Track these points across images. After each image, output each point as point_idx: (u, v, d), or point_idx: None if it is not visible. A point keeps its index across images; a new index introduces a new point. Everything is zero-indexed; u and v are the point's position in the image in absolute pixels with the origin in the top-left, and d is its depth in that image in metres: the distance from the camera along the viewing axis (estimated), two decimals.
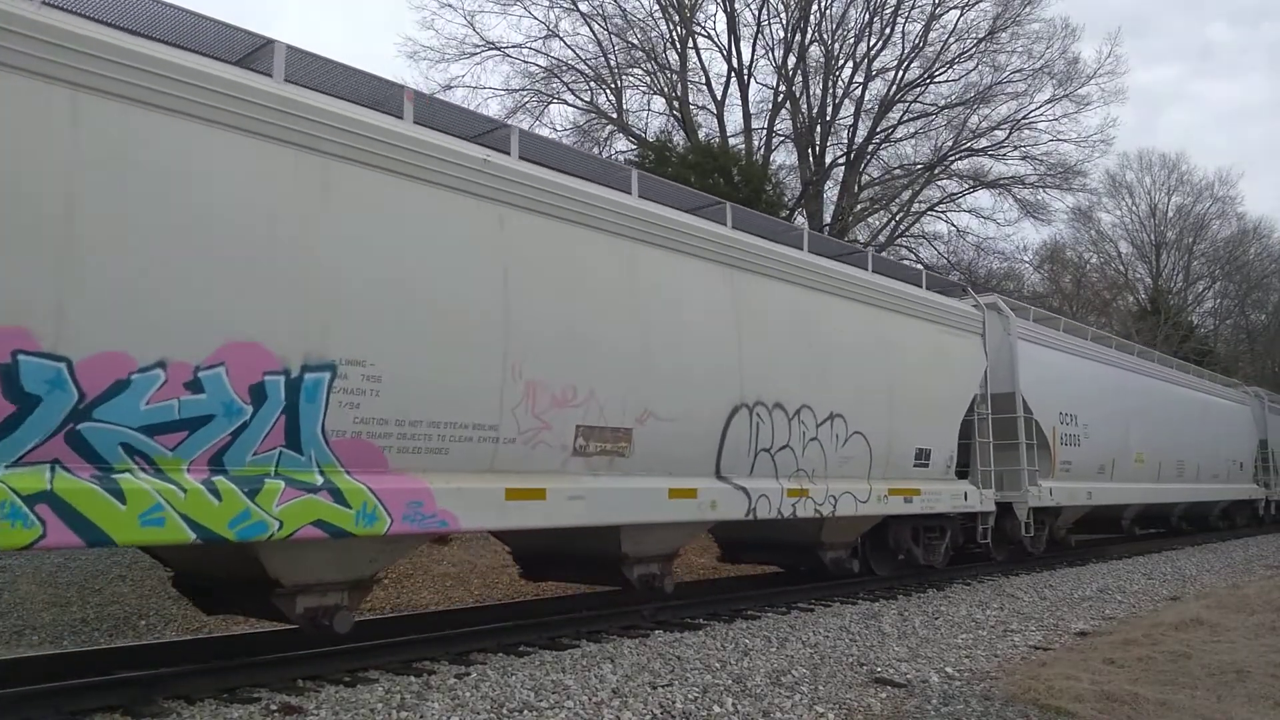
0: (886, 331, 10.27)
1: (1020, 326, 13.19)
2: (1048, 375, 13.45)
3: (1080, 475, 13.98)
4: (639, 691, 5.57)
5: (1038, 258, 38.34)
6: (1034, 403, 12.80)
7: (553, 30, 25.35)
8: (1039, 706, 5.44)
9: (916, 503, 10.42)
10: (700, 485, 7.84)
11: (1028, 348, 13.19)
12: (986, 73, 27.31)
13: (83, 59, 4.58)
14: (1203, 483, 19.82)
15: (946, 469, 11.07)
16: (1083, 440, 14.12)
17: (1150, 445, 16.88)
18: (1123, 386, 16.30)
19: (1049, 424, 13.19)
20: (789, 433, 8.75)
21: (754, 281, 8.61)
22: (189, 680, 5.45)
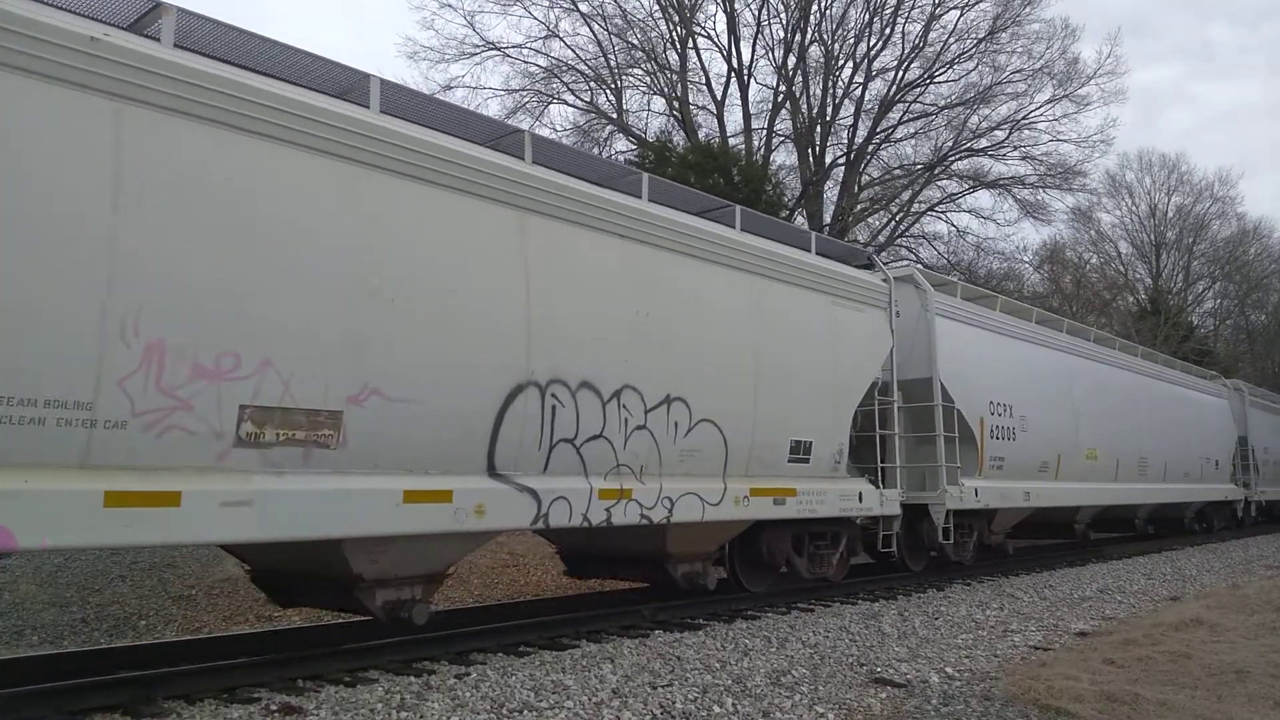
0: (757, 301, 8.67)
1: (942, 302, 11.68)
2: (976, 359, 12.02)
3: (1016, 473, 12.49)
4: (639, 691, 5.57)
5: (1038, 258, 38.44)
6: (956, 390, 11.32)
7: (553, 30, 25.41)
8: (1039, 706, 5.44)
9: (791, 505, 8.85)
10: (459, 485, 6.12)
11: (950, 327, 11.68)
12: (986, 73, 27.40)
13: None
14: (1172, 482, 18.09)
15: (834, 465, 9.48)
16: (1019, 434, 12.61)
17: (1106, 440, 15.22)
18: (1073, 374, 14.70)
19: (975, 414, 11.71)
20: (603, 419, 7.08)
21: (558, 230, 6.94)
22: (189, 680, 5.45)
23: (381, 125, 5.94)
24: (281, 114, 5.40)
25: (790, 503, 8.87)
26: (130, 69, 4.82)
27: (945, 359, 11.25)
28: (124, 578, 10.60)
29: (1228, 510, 21.86)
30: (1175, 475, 18.19)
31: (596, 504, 7.00)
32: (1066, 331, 15.32)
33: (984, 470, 11.77)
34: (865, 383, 10.05)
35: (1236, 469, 22.05)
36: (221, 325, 5.07)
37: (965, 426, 11.38)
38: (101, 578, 10.62)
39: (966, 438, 11.40)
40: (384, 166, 5.88)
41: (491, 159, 6.56)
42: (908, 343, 11.06)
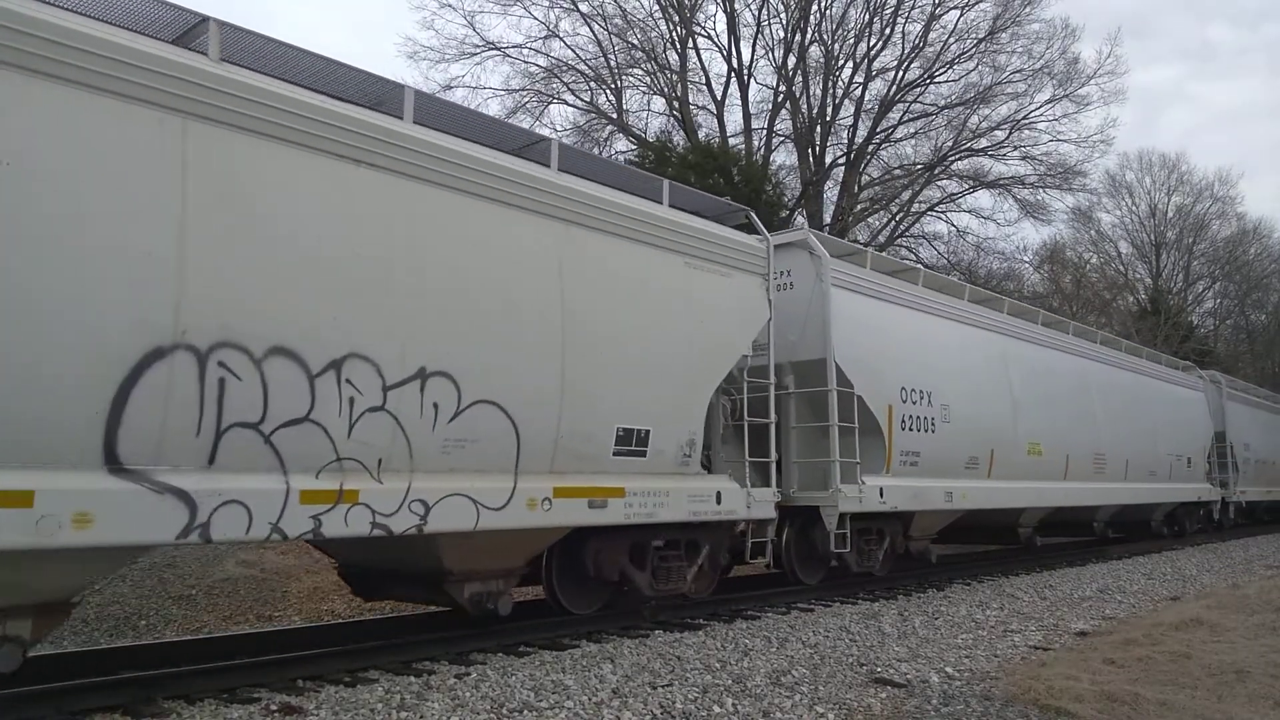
0: (571, 255, 7.10)
1: (842, 272, 10.06)
2: (886, 339, 10.55)
3: (935, 470, 10.93)
4: (639, 691, 5.57)
5: (1038, 258, 38.45)
6: (858, 373, 9.84)
7: (553, 30, 25.42)
8: (1039, 706, 5.44)
9: (616, 509, 7.32)
10: (46, 484, 4.55)
11: (852, 301, 10.11)
12: (986, 73, 27.41)
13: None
14: (1135, 482, 16.31)
15: (683, 459, 8.01)
16: (939, 425, 11.04)
17: (1053, 434, 13.60)
18: (1013, 359, 13.08)
19: (881, 402, 10.21)
20: (312, 398, 5.50)
21: (247, 148, 5.39)
22: (189, 680, 5.46)
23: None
24: None
25: (615, 505, 7.29)
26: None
27: (844, 337, 9.77)
28: (124, 578, 10.60)
29: (1202, 512, 20.18)
30: (1139, 474, 16.49)
31: (297, 510, 5.38)
32: (1008, 311, 13.80)
33: (892, 467, 10.31)
34: (729, 361, 8.52)
35: (1213, 467, 20.41)
36: None
37: (869, 416, 10.00)
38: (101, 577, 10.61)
39: (869, 429, 10.02)
40: None
41: (125, 44, 5.04)
42: (801, 318, 9.72)
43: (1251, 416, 23.71)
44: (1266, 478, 23.94)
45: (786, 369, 9.57)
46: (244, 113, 5.38)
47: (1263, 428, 24.41)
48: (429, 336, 6.16)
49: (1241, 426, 22.34)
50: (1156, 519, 18.32)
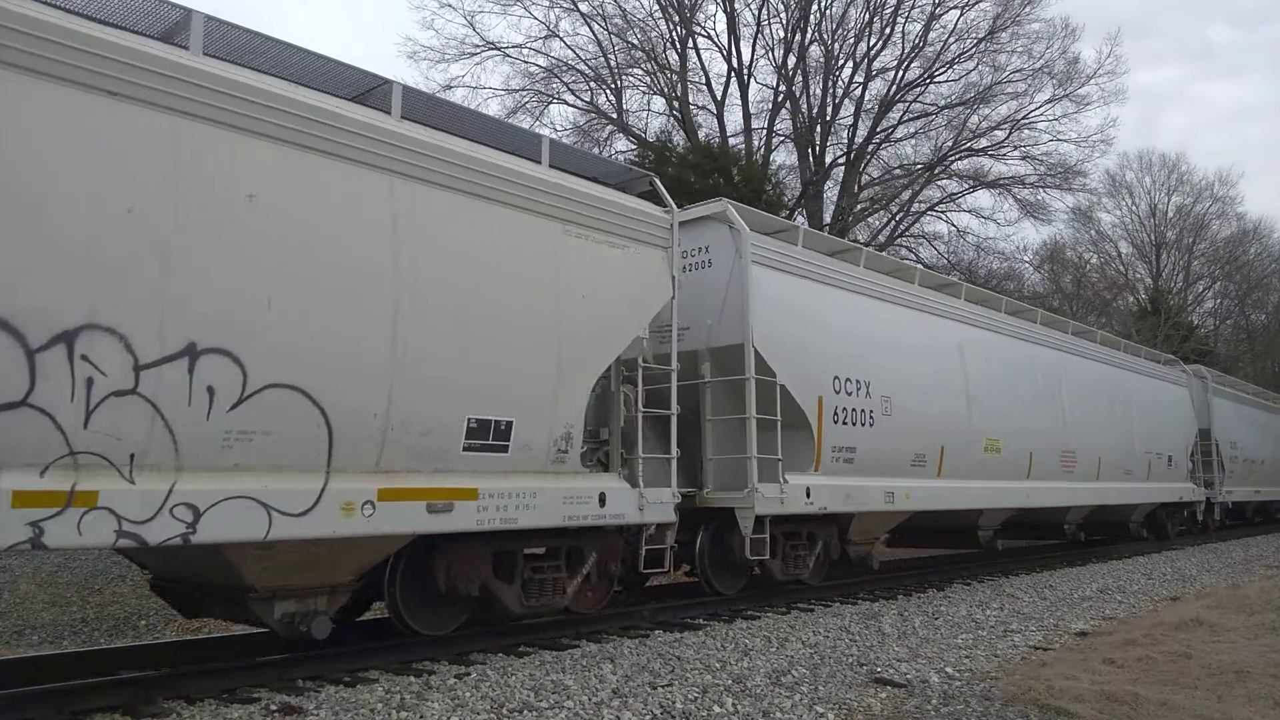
0: (416, 215, 6.08)
1: (765, 249, 9.08)
2: (816, 323, 9.56)
3: (874, 468, 10.00)
4: (639, 691, 5.57)
5: (1038, 258, 38.48)
6: (782, 360, 8.87)
7: (553, 30, 25.42)
8: (1039, 706, 5.44)
9: (464, 513, 6.24)
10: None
11: (776, 280, 9.12)
12: (986, 73, 27.41)
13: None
14: (1108, 481, 15.27)
15: (557, 455, 6.98)
16: (880, 419, 10.10)
17: (1014, 430, 12.62)
18: (970, 349, 12.12)
19: (810, 393, 9.20)
20: (30, 377, 4.53)
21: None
22: (189, 680, 5.46)
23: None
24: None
25: (465, 510, 6.26)
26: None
27: (765, 320, 8.82)
28: (124, 577, 10.61)
29: (1185, 513, 19.10)
30: (1113, 473, 15.47)
31: (8, 515, 4.41)
32: (966, 298, 12.82)
33: (822, 464, 9.35)
34: (619, 344, 7.58)
35: (1197, 466, 19.31)
36: None
37: (795, 408, 9.07)
38: (101, 578, 10.62)
39: (801, 423, 9.17)
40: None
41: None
42: (719, 299, 8.83)
43: (1239, 413, 22.83)
44: (1255, 477, 23.17)
45: (704, 355, 8.79)
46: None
47: (1251, 425, 23.59)
48: (201, 306, 5.07)
49: (1228, 424, 21.49)
50: (1135, 521, 17.20)
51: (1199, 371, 21.24)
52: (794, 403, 9.05)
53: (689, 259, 9.05)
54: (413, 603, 6.68)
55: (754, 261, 8.88)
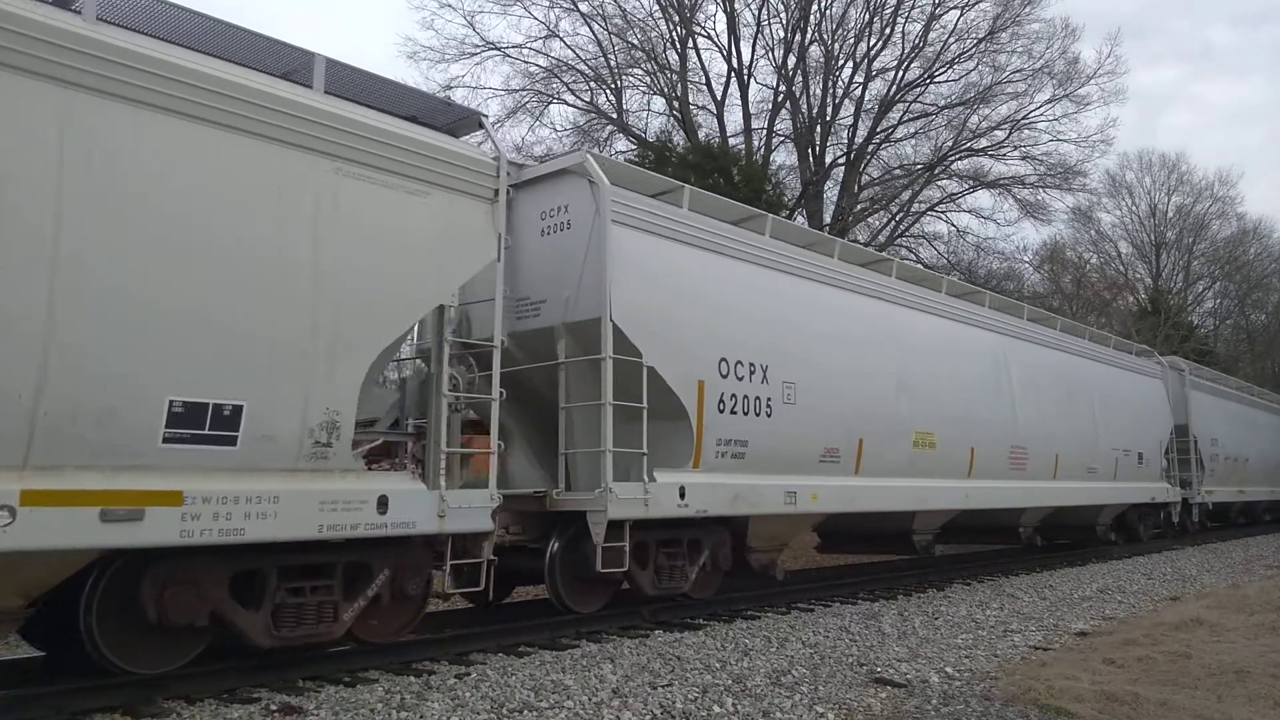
0: (98, 137, 4.89)
1: (629, 205, 7.82)
2: (695, 297, 8.30)
3: (772, 464, 8.79)
4: (639, 691, 5.57)
5: (1038, 258, 38.46)
6: (648, 338, 7.67)
7: (553, 30, 25.40)
8: (1039, 706, 5.44)
9: (165, 522, 4.95)
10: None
11: (643, 245, 7.88)
12: (986, 73, 27.39)
13: None
14: (1068, 480, 13.97)
15: (313, 449, 5.61)
16: (780, 408, 8.87)
17: (951, 422, 11.31)
18: (901, 332, 10.93)
19: (688, 376, 8.03)
20: None
21: None
22: (189, 680, 5.46)
23: None
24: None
25: (161, 517, 4.92)
26: None
27: (629, 291, 7.54)
28: None
29: (1159, 515, 17.90)
30: (1074, 471, 14.17)
31: None
32: (897, 275, 11.52)
33: (703, 459, 8.14)
34: (413, 312, 6.33)
35: (1172, 464, 17.96)
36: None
37: (668, 394, 7.89)
38: None
39: (678, 412, 8.02)
40: None
41: None
42: (578, 267, 7.59)
43: (1221, 408, 21.57)
44: (1239, 477, 21.93)
45: (561, 333, 7.70)
46: None
47: (1234, 421, 22.30)
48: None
49: (1208, 419, 20.23)
50: (1102, 524, 15.86)
51: (1175, 363, 20.01)
52: (666, 388, 7.80)
53: (548, 220, 7.99)
54: (115, 634, 5.19)
55: (617, 222, 7.63)
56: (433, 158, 6.44)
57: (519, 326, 7.90)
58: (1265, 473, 24.16)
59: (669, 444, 7.99)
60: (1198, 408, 19.72)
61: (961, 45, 26.87)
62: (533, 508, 7.68)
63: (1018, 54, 27.23)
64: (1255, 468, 23.29)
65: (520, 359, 7.95)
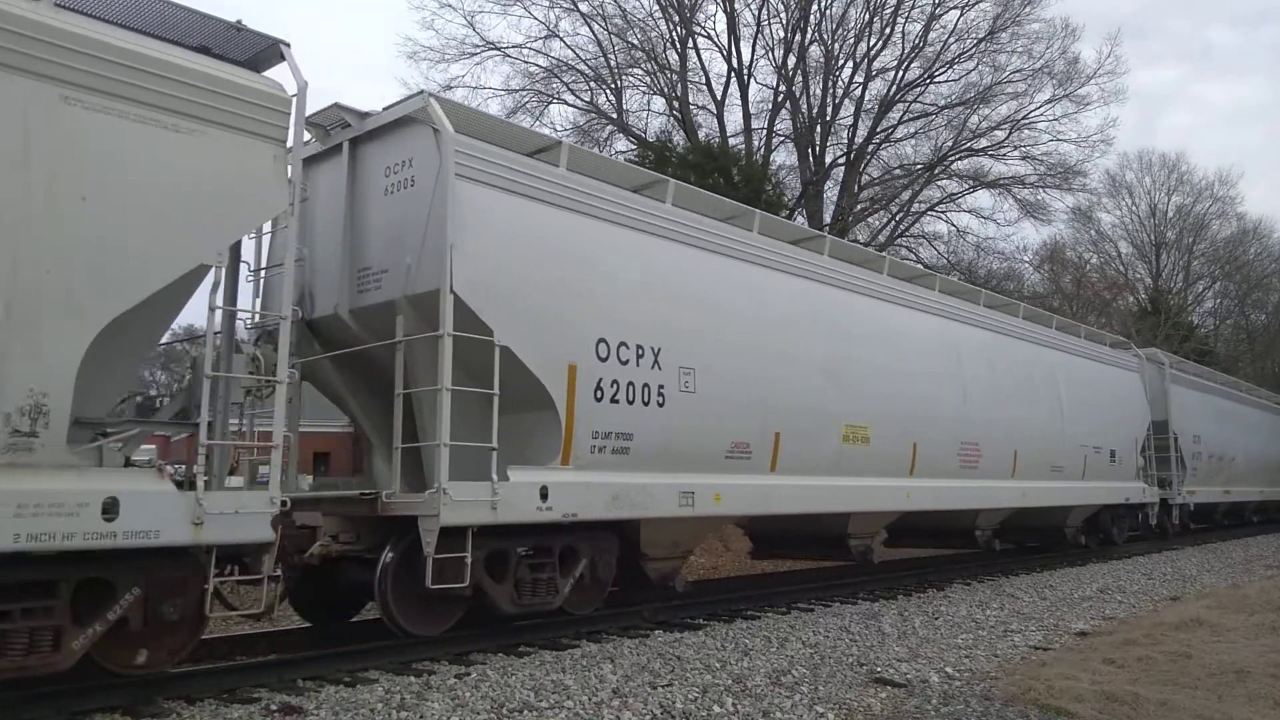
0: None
1: (483, 158, 6.80)
2: (568, 266, 7.26)
3: (665, 460, 7.79)
4: (639, 691, 5.57)
5: (1038, 258, 38.48)
6: (502, 313, 6.67)
7: (553, 30, 25.42)
8: (1039, 706, 5.44)
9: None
10: None
11: (498, 204, 6.86)
12: (986, 73, 27.44)
13: None
14: (1028, 479, 12.91)
15: (9, 440, 4.63)
16: (674, 396, 7.83)
17: (889, 415, 10.32)
18: (832, 316, 9.91)
19: (555, 359, 7.04)
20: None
21: None
22: (189, 680, 5.47)
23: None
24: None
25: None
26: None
27: (482, 258, 6.57)
28: None
29: (1140, 517, 16.88)
30: (1036, 470, 13.17)
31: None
32: (831, 254, 10.39)
33: (574, 455, 7.13)
34: (157, 275, 5.14)
35: (1150, 463, 16.93)
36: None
37: (529, 379, 6.89)
38: None
39: (533, 402, 6.98)
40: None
41: None
42: (419, 230, 6.57)
43: (1204, 404, 20.54)
44: (1224, 476, 20.94)
45: (401, 306, 6.66)
46: None
47: (1219, 417, 21.26)
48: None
49: (1190, 415, 19.24)
50: (1071, 525, 14.91)
51: (1155, 356, 18.99)
52: (525, 372, 6.83)
53: (392, 177, 7.00)
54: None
55: (465, 177, 6.62)
56: (197, 86, 5.34)
57: (361, 301, 6.93)
58: (1253, 472, 23.20)
59: (532, 438, 7.08)
60: (1179, 403, 18.80)
61: (961, 45, 26.93)
62: (364, 512, 6.53)
63: (1018, 54, 27.29)
64: (1242, 467, 22.36)
65: (365, 338, 6.92)
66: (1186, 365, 21.53)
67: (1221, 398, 22.40)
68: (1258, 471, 23.67)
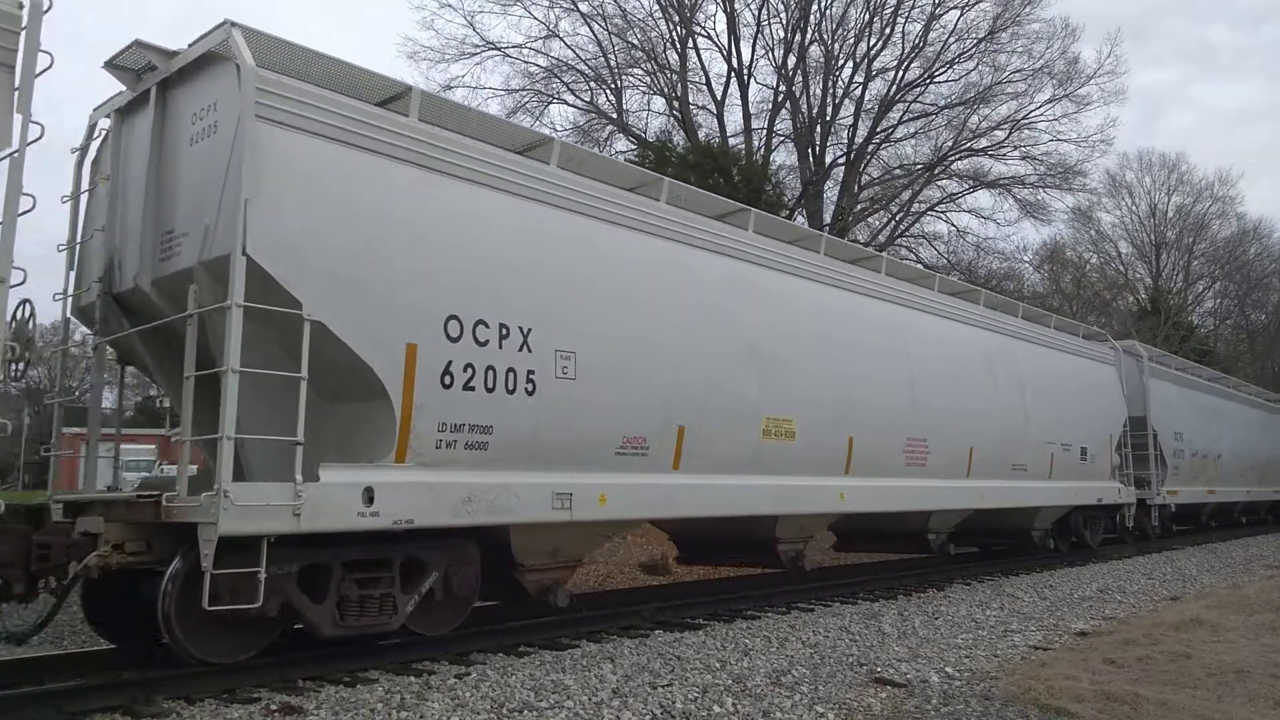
0: None
1: (294, 98, 5.77)
2: (404, 230, 6.19)
3: (535, 458, 6.82)
4: (639, 691, 5.57)
5: (1038, 258, 38.50)
6: (317, 283, 5.66)
7: (553, 30, 25.43)
8: (1039, 706, 5.44)
9: None
10: None
11: (312, 152, 5.83)
12: (986, 73, 27.44)
13: None
14: (985, 479, 11.92)
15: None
16: (546, 384, 6.84)
17: (820, 406, 9.35)
18: (746, 294, 8.83)
19: (389, 338, 6.00)
20: None
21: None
22: (189, 680, 5.45)
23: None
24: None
25: None
26: None
27: (288, 217, 5.61)
28: None
29: (1108, 518, 15.92)
30: (993, 469, 12.14)
31: None
32: (756, 229, 9.38)
33: (411, 450, 6.09)
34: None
35: (1126, 460, 16.00)
36: None
37: (355, 363, 5.86)
38: None
39: (373, 387, 5.97)
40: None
41: None
42: (217, 183, 5.62)
43: (1185, 399, 19.61)
44: (1208, 475, 19.87)
45: (198, 273, 5.67)
46: None
47: (1203, 413, 20.35)
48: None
49: (1171, 411, 18.31)
50: (1039, 528, 14.03)
51: (1133, 348, 17.98)
52: (347, 352, 5.80)
53: (197, 124, 5.98)
54: None
55: (269, 119, 5.60)
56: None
57: (162, 270, 5.99)
58: (1240, 472, 22.05)
59: (358, 431, 6.13)
60: (1159, 398, 17.82)
61: (961, 45, 26.93)
62: (150, 518, 5.46)
63: (1018, 54, 27.29)
64: (1228, 466, 21.24)
65: (168, 312, 5.98)
66: (1168, 358, 20.48)
67: (1206, 393, 21.49)
68: (1245, 471, 22.61)
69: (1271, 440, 25.38)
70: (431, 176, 6.45)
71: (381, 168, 6.18)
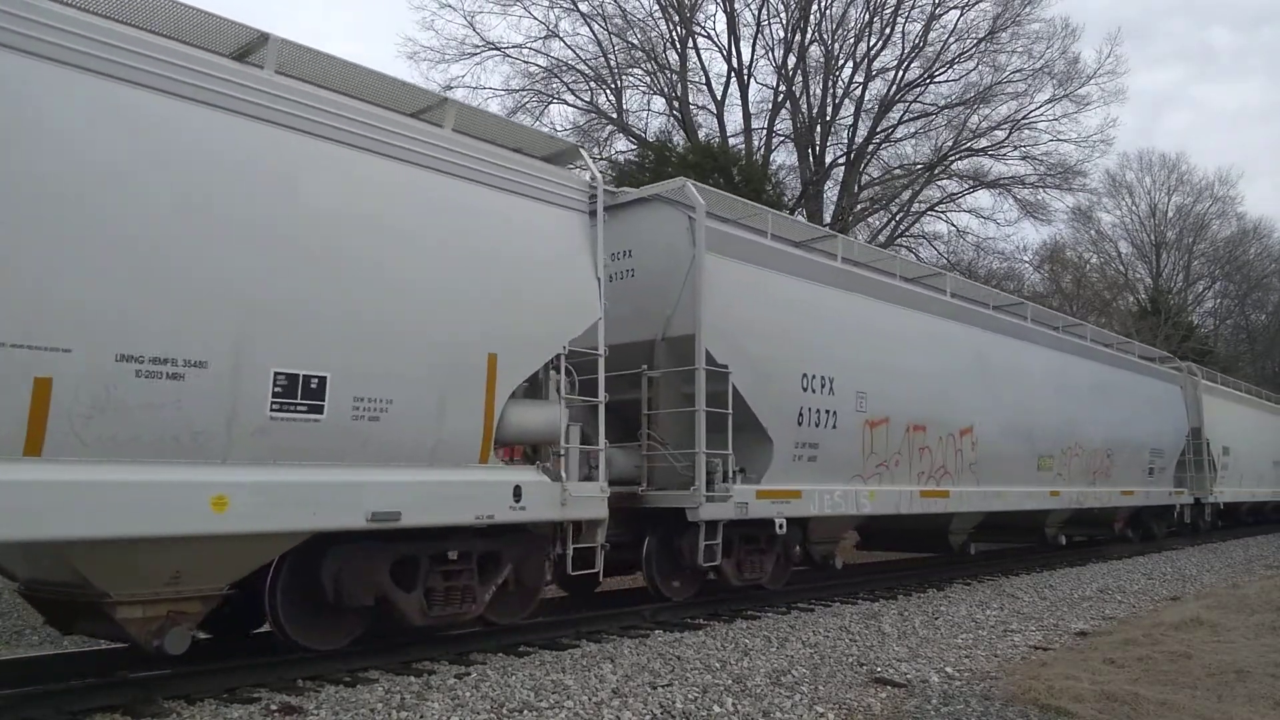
0: None
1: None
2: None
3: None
4: (639, 691, 5.57)
5: (1038, 258, 38.45)
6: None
7: (553, 30, 25.40)
8: (1039, 706, 5.44)
9: None
10: None
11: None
12: (986, 73, 27.40)
13: None
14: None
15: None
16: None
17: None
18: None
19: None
20: None
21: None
22: (189, 680, 5.45)
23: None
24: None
25: None
26: None
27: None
28: None
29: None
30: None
31: None
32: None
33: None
34: None
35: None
36: None
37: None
38: None
39: None
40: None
41: None
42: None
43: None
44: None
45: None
46: None
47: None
48: None
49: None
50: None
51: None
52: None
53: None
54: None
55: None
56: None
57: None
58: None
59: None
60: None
61: (961, 45, 26.89)
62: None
63: (1018, 54, 27.26)
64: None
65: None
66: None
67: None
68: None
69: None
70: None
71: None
